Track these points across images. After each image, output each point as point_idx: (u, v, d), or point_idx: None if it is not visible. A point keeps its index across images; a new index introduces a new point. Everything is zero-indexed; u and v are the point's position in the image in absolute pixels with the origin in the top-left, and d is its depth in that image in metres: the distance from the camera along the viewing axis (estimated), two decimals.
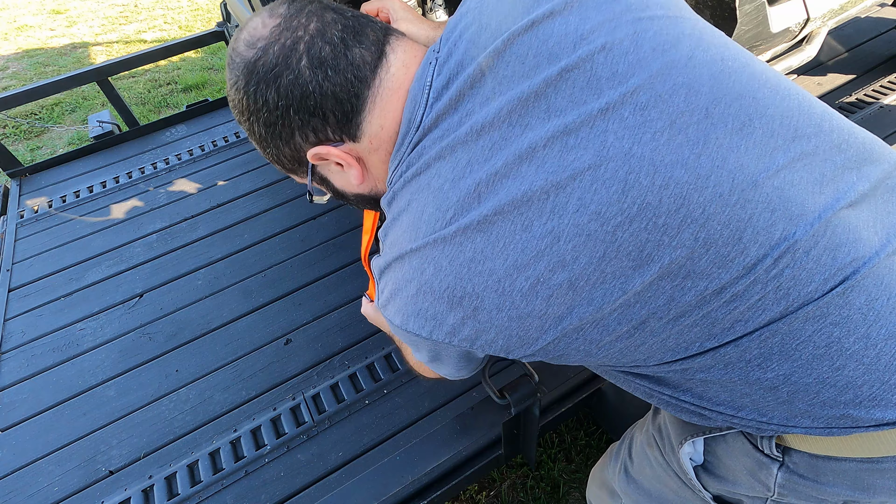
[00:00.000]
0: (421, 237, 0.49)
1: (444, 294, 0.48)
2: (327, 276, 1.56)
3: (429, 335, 0.51)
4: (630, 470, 0.83)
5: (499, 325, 0.48)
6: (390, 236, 0.54)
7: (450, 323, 0.49)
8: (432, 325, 0.50)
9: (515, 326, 0.48)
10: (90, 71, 2.10)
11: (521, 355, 0.52)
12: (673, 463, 0.69)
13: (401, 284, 0.51)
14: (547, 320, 0.47)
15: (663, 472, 0.72)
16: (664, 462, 0.71)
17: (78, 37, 4.68)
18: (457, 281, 0.47)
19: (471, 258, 0.46)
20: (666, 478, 0.72)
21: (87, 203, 1.98)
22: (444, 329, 0.50)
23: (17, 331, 1.53)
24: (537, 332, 0.48)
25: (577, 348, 0.50)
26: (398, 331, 0.54)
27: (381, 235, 0.56)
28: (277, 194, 1.88)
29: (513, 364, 1.24)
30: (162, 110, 3.56)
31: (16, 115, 3.56)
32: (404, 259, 0.51)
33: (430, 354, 0.59)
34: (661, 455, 0.72)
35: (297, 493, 1.08)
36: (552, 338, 0.49)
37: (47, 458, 1.22)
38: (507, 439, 1.11)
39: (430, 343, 0.52)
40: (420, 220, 0.50)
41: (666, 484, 0.73)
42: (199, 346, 1.42)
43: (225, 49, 3.38)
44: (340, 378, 1.27)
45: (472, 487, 1.51)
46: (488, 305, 0.47)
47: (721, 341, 0.48)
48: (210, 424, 1.23)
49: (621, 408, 1.28)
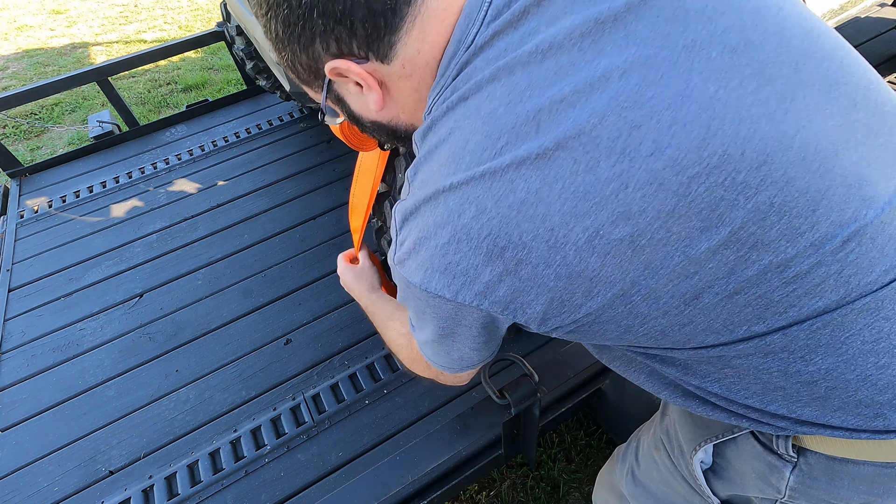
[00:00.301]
0: (463, 170, 0.42)
1: (484, 242, 0.41)
2: (327, 276, 1.56)
3: (454, 296, 0.44)
4: (637, 473, 0.82)
5: (543, 284, 0.41)
6: (422, 173, 0.46)
7: (484, 280, 0.42)
8: (461, 283, 0.43)
9: (561, 288, 0.42)
10: (90, 71, 2.10)
11: (552, 326, 0.46)
12: (682, 467, 0.67)
13: (430, 231, 0.43)
14: (597, 284, 0.41)
15: (671, 476, 0.71)
16: (672, 466, 0.70)
17: (78, 37, 4.68)
18: (502, 226, 0.40)
19: (522, 199, 0.39)
20: (673, 482, 0.71)
21: (87, 203, 1.98)
22: (476, 288, 0.43)
23: (17, 331, 1.53)
24: (583, 298, 0.42)
25: (618, 324, 0.45)
26: (412, 294, 0.46)
27: (409, 175, 0.48)
28: (277, 194, 1.88)
29: (512, 364, 1.24)
30: (162, 110, 3.56)
31: (16, 115, 3.56)
32: (439, 198, 0.43)
33: (442, 329, 0.51)
34: (669, 459, 0.70)
35: (297, 493, 1.09)
36: (597, 306, 0.43)
37: (47, 458, 1.22)
38: (507, 439, 1.11)
39: (450, 308, 0.46)
40: (464, 149, 0.42)
41: (673, 488, 0.72)
42: (199, 346, 1.42)
43: (225, 49, 3.38)
44: (340, 378, 1.27)
45: (472, 487, 1.51)
46: (535, 259, 0.40)
47: (770, 327, 0.43)
48: (210, 424, 1.23)
49: (621, 408, 1.28)
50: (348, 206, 1.03)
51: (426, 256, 0.44)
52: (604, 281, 0.41)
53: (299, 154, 2.06)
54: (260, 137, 2.18)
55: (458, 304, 0.45)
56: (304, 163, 2.00)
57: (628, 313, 0.44)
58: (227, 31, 2.02)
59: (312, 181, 1.92)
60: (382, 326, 0.82)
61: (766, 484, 0.56)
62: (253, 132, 2.20)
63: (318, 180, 1.92)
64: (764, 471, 0.56)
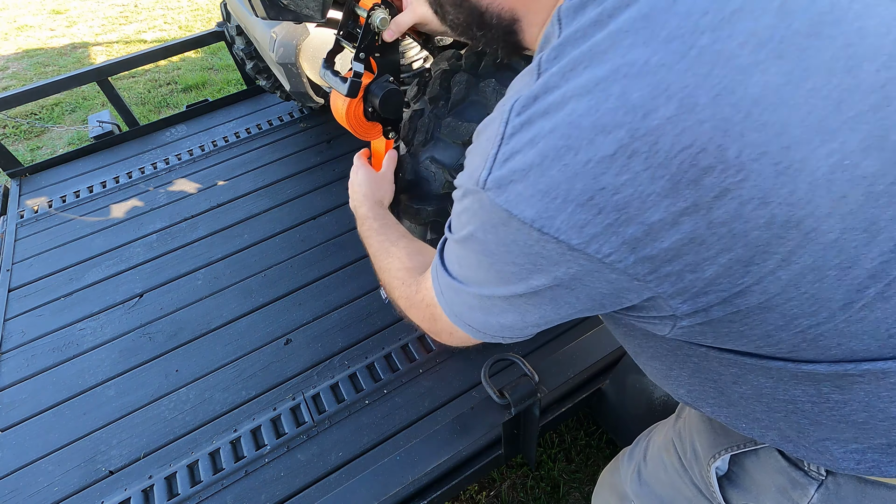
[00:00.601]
0: (663, 41, 0.29)
1: (678, 158, 0.28)
2: (327, 276, 1.56)
3: (585, 244, 0.31)
4: (643, 473, 0.79)
5: (743, 232, 0.30)
6: (577, 51, 0.32)
7: (650, 221, 0.30)
8: (609, 224, 0.30)
9: (765, 241, 0.30)
10: (90, 71, 2.10)
11: (700, 306, 0.34)
12: (693, 472, 0.64)
13: (579, 137, 0.30)
14: (810, 242, 0.30)
15: (679, 479, 0.69)
16: (682, 469, 0.67)
17: (78, 37, 4.68)
18: (714, 135, 0.28)
19: (755, 98, 0.28)
20: (681, 485, 0.68)
21: (87, 203, 1.98)
22: (630, 232, 0.30)
23: (17, 331, 1.53)
24: (779, 263, 0.31)
25: (784, 315, 0.33)
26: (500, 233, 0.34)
27: (543, 61, 0.34)
28: (277, 194, 1.88)
29: (512, 364, 1.24)
30: (162, 110, 3.56)
31: (16, 115, 3.56)
32: (610, 86, 0.29)
33: (520, 287, 0.38)
34: (680, 462, 0.68)
35: (297, 493, 1.08)
36: (787, 279, 0.31)
37: (47, 458, 1.22)
38: (507, 439, 1.11)
39: (564, 262, 0.33)
40: (668, 10, 0.30)
41: (680, 491, 0.69)
42: (199, 346, 1.42)
43: (225, 49, 3.38)
44: (340, 378, 1.27)
45: (472, 487, 1.51)
46: (748, 192, 0.29)
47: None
48: (210, 424, 1.23)
49: (621, 408, 1.28)
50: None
51: (561, 177, 0.30)
52: (818, 238, 0.30)
53: (299, 154, 2.06)
54: (260, 137, 2.18)
55: (581, 257, 0.31)
56: (304, 163, 2.00)
57: (807, 300, 0.32)
58: (227, 31, 2.02)
59: (312, 181, 1.92)
60: (381, 252, 0.69)
61: (786, 499, 0.53)
62: (253, 132, 2.20)
63: (318, 180, 1.92)
64: (785, 486, 0.51)
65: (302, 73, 1.33)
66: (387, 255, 0.67)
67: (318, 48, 1.31)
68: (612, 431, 1.54)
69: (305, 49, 1.30)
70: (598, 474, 1.52)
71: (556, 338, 1.30)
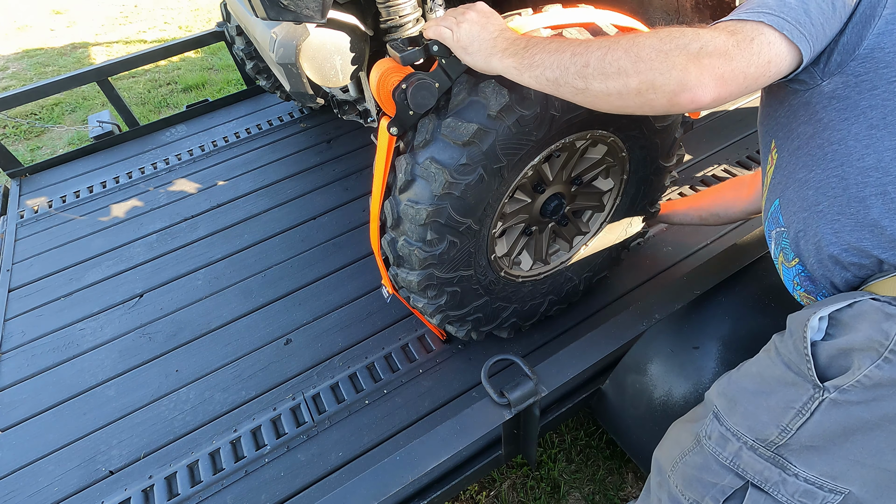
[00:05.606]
0: None
1: None
2: (327, 276, 1.56)
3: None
4: (732, 374, 0.78)
5: None
6: None
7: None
8: None
9: None
10: (90, 71, 2.10)
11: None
12: (787, 345, 0.67)
13: None
14: None
15: (770, 363, 0.70)
16: (775, 353, 0.70)
17: (78, 37, 4.68)
18: None
19: None
20: (772, 367, 0.70)
21: (87, 203, 1.98)
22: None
23: (17, 331, 1.53)
24: None
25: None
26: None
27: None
28: (277, 194, 1.88)
29: (512, 364, 1.24)
30: (162, 110, 3.56)
31: (16, 115, 3.56)
32: None
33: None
34: (775, 349, 0.70)
35: (297, 493, 1.08)
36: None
37: (47, 458, 1.22)
38: (507, 439, 1.11)
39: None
40: None
41: (771, 372, 0.70)
42: (199, 346, 1.42)
43: (225, 49, 3.38)
44: (340, 378, 1.27)
45: (472, 487, 1.51)
46: None
47: None
48: (210, 424, 1.23)
49: (621, 408, 1.28)
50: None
51: None
52: None
53: (299, 154, 2.06)
54: (260, 137, 2.18)
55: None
56: (304, 163, 2.00)
57: None
58: (227, 31, 2.02)
59: (312, 181, 1.92)
60: (593, 47, 0.63)
61: (877, 331, 0.57)
62: (253, 132, 2.21)
63: (318, 180, 1.92)
64: (878, 319, 0.57)
65: (302, 73, 1.33)
66: (609, 45, 0.62)
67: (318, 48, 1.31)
68: (612, 431, 1.54)
69: (305, 49, 1.29)
70: (599, 474, 1.53)
71: (556, 338, 1.30)
